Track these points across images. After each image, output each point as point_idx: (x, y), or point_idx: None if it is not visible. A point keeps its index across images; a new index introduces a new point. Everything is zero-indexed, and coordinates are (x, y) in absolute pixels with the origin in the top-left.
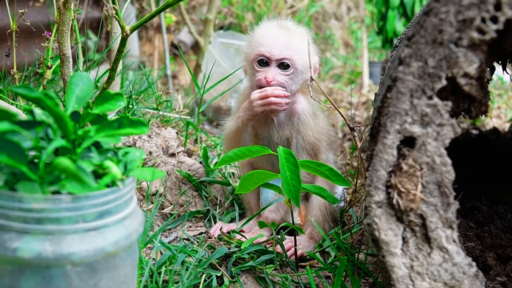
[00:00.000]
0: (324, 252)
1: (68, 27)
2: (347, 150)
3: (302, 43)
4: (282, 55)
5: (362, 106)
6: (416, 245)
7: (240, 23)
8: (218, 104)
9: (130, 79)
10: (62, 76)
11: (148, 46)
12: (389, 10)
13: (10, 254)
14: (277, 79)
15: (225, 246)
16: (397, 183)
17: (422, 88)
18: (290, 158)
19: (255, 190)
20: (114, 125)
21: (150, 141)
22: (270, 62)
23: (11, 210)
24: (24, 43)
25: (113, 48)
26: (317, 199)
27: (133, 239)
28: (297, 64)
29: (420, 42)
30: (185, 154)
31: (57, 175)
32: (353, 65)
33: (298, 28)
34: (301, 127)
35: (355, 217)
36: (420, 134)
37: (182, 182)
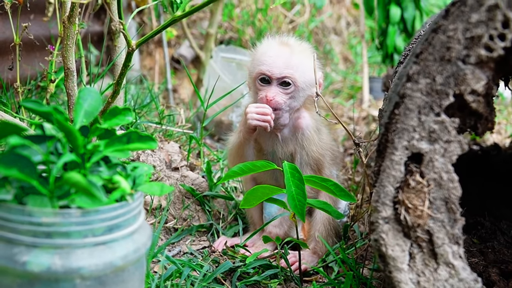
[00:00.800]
0: (328, 267)
1: (72, 41)
2: (348, 165)
3: (303, 60)
4: (283, 74)
5: (363, 121)
6: (423, 261)
7: (240, 38)
8: (219, 119)
9: (132, 93)
10: (66, 90)
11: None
12: (390, 25)
13: (19, 267)
14: (276, 98)
15: (229, 260)
16: (404, 199)
17: (430, 105)
18: (295, 173)
19: (258, 205)
20: (123, 140)
21: (153, 155)
22: (271, 80)
23: (21, 224)
24: (26, 56)
25: (117, 62)
26: (321, 214)
27: (141, 253)
28: (298, 82)
29: (428, 59)
30: (188, 168)
31: (67, 190)
32: (352, 80)
33: (300, 45)
34: (305, 142)
35: (358, 232)
36: (428, 150)
37: (186, 196)
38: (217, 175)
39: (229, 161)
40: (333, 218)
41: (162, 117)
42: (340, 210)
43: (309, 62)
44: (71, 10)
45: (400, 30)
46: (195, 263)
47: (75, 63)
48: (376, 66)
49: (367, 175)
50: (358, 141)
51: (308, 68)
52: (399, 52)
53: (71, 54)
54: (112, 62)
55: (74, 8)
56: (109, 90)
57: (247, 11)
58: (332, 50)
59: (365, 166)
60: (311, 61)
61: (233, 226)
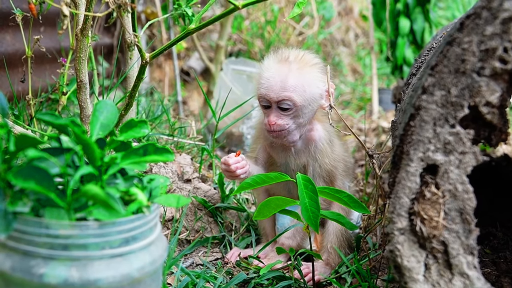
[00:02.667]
0: (341, 278)
1: (85, 54)
2: (359, 176)
3: (302, 76)
4: (280, 97)
5: (373, 132)
6: (438, 271)
7: (249, 50)
8: (230, 130)
9: (143, 106)
10: (79, 103)
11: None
12: (399, 37)
13: (36, 280)
14: (278, 122)
15: (243, 272)
16: (420, 210)
17: (445, 117)
18: (308, 185)
19: (270, 217)
20: (139, 152)
21: (166, 167)
22: (271, 104)
23: (38, 236)
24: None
25: (129, 75)
26: (333, 226)
27: (157, 265)
28: (297, 102)
29: (443, 72)
30: (200, 180)
31: (84, 202)
32: (361, 92)
33: (300, 59)
34: (318, 155)
35: (371, 243)
36: (443, 162)
37: (198, 208)
38: (229, 187)
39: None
40: (346, 230)
41: (174, 129)
42: (352, 222)
43: (310, 76)
44: (84, 22)
45: (409, 42)
46: (208, 274)
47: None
48: (385, 77)
49: (380, 186)
50: (372, 152)
51: (310, 82)
52: (408, 63)
53: (84, 66)
54: (125, 75)
55: (87, 21)
56: (120, 102)
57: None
58: (341, 62)
59: (378, 177)
60: (313, 74)
61: (245, 237)
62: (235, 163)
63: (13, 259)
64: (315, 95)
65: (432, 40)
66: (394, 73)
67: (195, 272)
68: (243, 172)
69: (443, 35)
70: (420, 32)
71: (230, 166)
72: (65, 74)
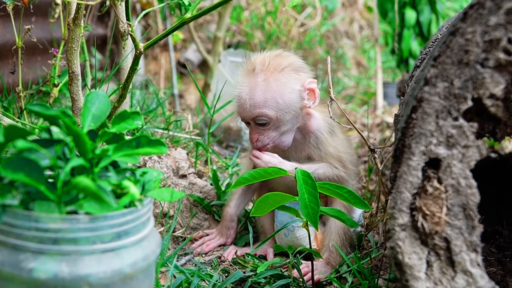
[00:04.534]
0: (341, 277)
1: (77, 44)
2: (362, 173)
3: (271, 87)
4: (253, 115)
5: (377, 128)
6: (440, 269)
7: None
8: (228, 125)
9: (137, 98)
10: (71, 95)
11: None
12: (405, 29)
13: (25, 274)
14: (260, 138)
15: (240, 270)
16: (422, 206)
17: (448, 109)
18: (308, 180)
19: (269, 213)
20: (132, 145)
21: (160, 162)
22: (250, 122)
23: (27, 230)
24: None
25: (122, 66)
26: (335, 223)
27: (150, 260)
28: (272, 116)
29: (446, 63)
30: (195, 176)
31: (74, 195)
32: (366, 86)
33: (267, 68)
34: (320, 145)
35: (373, 241)
36: (446, 155)
37: (193, 204)
38: (225, 183)
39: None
40: (348, 227)
41: (169, 123)
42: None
43: (280, 83)
44: (77, 12)
45: (415, 34)
46: (204, 272)
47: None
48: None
49: (382, 182)
50: (374, 147)
51: (281, 90)
52: (414, 56)
53: (76, 57)
54: (119, 66)
55: (80, 10)
56: (114, 95)
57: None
58: (345, 55)
59: (380, 173)
60: (283, 79)
61: (243, 235)
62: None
63: (1, 253)
64: (292, 100)
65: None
66: (399, 67)
67: (190, 270)
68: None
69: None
70: (426, 24)
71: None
72: (57, 65)
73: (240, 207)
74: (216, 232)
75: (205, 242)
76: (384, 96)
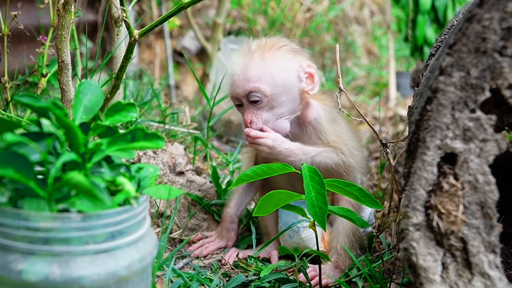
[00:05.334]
0: (351, 282)
1: (67, 31)
2: (373, 170)
3: (266, 63)
4: (246, 91)
5: (389, 122)
6: (457, 271)
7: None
8: (228, 118)
9: (131, 90)
10: (60, 85)
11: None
12: (419, 14)
13: (14, 276)
14: (254, 120)
15: (242, 274)
16: (437, 204)
17: (464, 100)
18: (315, 177)
19: (273, 214)
20: (127, 138)
21: (156, 157)
22: (241, 101)
23: (16, 229)
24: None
25: (115, 54)
26: (343, 224)
27: (146, 262)
28: (267, 91)
29: (462, 51)
30: (194, 173)
31: (66, 192)
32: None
33: (263, 46)
34: (320, 134)
35: (385, 243)
36: (462, 150)
37: (192, 204)
38: (225, 180)
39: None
40: (358, 228)
41: (165, 116)
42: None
43: (276, 60)
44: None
45: (430, 20)
46: (203, 276)
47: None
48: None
49: (395, 179)
50: (386, 141)
51: (277, 66)
52: (429, 44)
53: (66, 45)
54: (111, 54)
55: None
56: (105, 85)
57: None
58: (354, 42)
59: (393, 169)
60: (280, 57)
61: (245, 237)
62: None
63: None
64: (289, 79)
65: (454, 17)
66: (413, 55)
67: (188, 274)
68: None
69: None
70: (442, 9)
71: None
72: (45, 54)
73: (241, 207)
74: (216, 235)
75: (204, 245)
76: (397, 87)
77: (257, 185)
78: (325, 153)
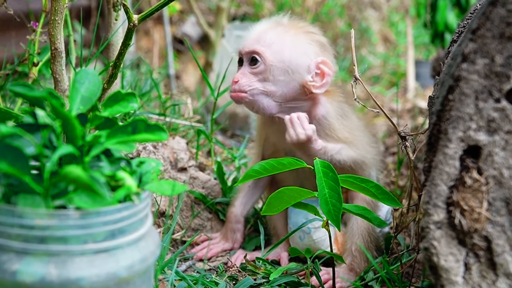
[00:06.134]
0: (367, 286)
1: (61, 17)
2: (391, 166)
3: (287, 37)
4: (250, 49)
5: (408, 114)
6: (480, 272)
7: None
8: (233, 110)
9: (128, 80)
10: (53, 75)
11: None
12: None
13: (8, 278)
14: (241, 79)
15: (250, 277)
16: (459, 200)
17: (489, 89)
18: (328, 172)
19: (282, 213)
20: (127, 130)
21: (156, 152)
22: (243, 60)
23: (10, 227)
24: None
25: (112, 41)
26: (358, 224)
27: (149, 263)
28: (268, 60)
29: (486, 36)
30: (197, 169)
31: (63, 188)
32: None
33: (294, 24)
34: (329, 131)
35: (404, 244)
36: (486, 142)
37: (195, 202)
38: (231, 177)
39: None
40: (373, 228)
41: (166, 108)
42: None
43: (297, 40)
44: None
45: (452, 3)
46: (209, 279)
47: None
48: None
49: (414, 176)
50: (404, 134)
51: (295, 46)
52: (451, 30)
53: (59, 31)
54: (108, 41)
55: None
56: (102, 75)
57: None
58: (369, 29)
59: (412, 164)
60: (303, 40)
61: (253, 238)
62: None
63: None
64: (299, 64)
65: (477, 1)
66: (433, 42)
67: (192, 277)
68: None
69: None
70: None
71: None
72: (37, 41)
73: (247, 207)
74: (221, 236)
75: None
76: (416, 76)
77: (264, 183)
78: (343, 150)
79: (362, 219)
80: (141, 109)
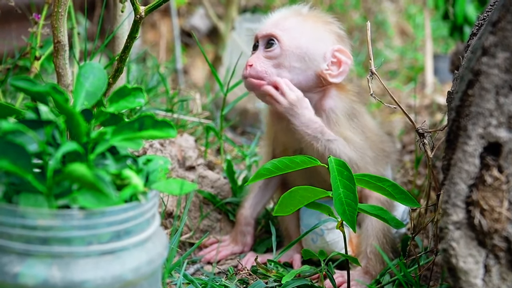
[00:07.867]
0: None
1: (64, 9)
2: (408, 165)
3: (306, 24)
4: (268, 32)
5: (426, 110)
6: (500, 274)
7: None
8: (243, 107)
9: (134, 74)
10: (56, 69)
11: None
12: None
13: (10, 280)
14: (256, 64)
15: (261, 280)
16: (479, 199)
17: (510, 84)
18: (343, 171)
19: (294, 214)
20: (134, 127)
21: (163, 150)
22: (258, 44)
23: (12, 228)
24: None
25: (117, 34)
26: (373, 225)
27: (156, 265)
28: (285, 45)
29: (507, 29)
30: (206, 168)
31: (67, 187)
32: (412, 59)
33: (314, 14)
34: (332, 125)
35: (422, 246)
36: (507, 139)
37: (203, 202)
38: (241, 176)
39: None
40: (389, 229)
41: (173, 104)
42: None
43: (316, 28)
44: None
45: None
46: (218, 283)
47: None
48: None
49: (433, 174)
50: (423, 130)
51: (313, 33)
52: (470, 22)
53: (63, 24)
54: (113, 33)
55: None
56: (107, 69)
57: None
58: (386, 21)
59: (430, 162)
60: (322, 28)
61: (264, 239)
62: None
63: None
64: (316, 51)
65: None
66: (453, 35)
67: (200, 280)
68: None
69: None
70: None
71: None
72: (39, 34)
73: (258, 208)
74: (230, 239)
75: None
76: (434, 71)
77: (275, 183)
78: (340, 143)
79: (377, 220)
80: (148, 105)
